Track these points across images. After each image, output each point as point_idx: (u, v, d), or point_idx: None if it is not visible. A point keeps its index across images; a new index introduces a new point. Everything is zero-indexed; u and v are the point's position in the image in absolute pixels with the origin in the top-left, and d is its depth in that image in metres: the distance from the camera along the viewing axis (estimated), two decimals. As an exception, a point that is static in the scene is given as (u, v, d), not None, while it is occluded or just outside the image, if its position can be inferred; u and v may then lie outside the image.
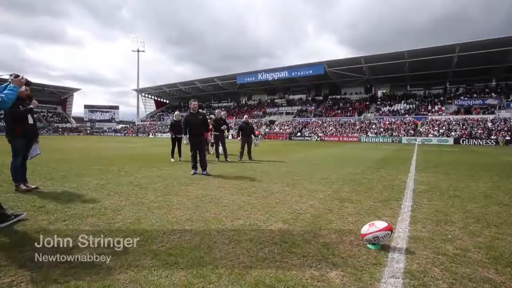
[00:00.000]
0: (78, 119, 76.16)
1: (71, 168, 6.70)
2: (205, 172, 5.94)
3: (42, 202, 3.47)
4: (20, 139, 4.06)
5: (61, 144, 18.27)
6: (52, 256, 1.99)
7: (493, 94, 37.92)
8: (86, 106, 73.85)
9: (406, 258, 2.12)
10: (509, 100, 35.82)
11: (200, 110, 6.28)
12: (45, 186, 4.47)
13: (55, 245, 2.18)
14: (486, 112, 35.72)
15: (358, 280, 1.78)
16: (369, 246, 2.30)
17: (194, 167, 6.09)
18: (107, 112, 74.47)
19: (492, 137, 29.72)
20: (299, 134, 42.04)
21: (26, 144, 4.17)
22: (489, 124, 32.28)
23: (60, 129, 64.88)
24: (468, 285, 1.74)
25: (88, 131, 67.43)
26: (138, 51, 76.09)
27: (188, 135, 6.00)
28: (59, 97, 73.92)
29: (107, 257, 2.00)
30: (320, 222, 2.91)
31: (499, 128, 30.84)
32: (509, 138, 28.69)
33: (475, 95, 38.94)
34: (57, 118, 71.19)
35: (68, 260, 1.96)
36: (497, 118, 33.24)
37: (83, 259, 1.97)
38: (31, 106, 4.11)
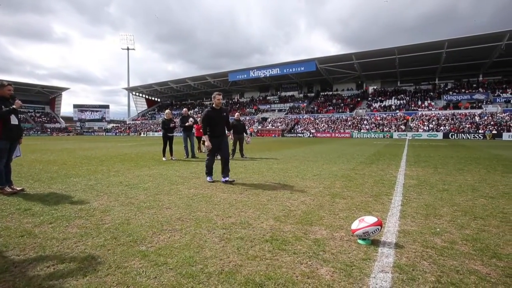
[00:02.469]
0: (67, 119, 74.68)
1: (59, 169, 6.56)
2: (226, 179, 4.88)
3: (28, 205, 3.38)
4: (3, 140, 3.94)
5: (49, 145, 17.88)
6: (37, 260, 1.94)
7: (480, 89, 38.77)
8: (75, 106, 72.42)
9: (395, 252, 2.14)
10: (495, 95, 36.70)
11: (223, 107, 5.31)
12: (31, 188, 4.36)
13: (41, 248, 2.13)
14: (474, 107, 36.53)
15: (348, 276, 1.79)
16: (360, 241, 2.32)
17: (210, 173, 5.06)
18: (97, 111, 73.16)
19: (480, 131, 30.43)
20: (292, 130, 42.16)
21: (9, 145, 4.06)
22: (477, 119, 33.02)
23: (49, 130, 63.53)
24: (455, 277, 1.77)
25: (78, 131, 66.20)
26: (128, 49, 75.07)
27: (207, 135, 4.92)
28: (47, 96, 72.35)
29: (94, 260, 1.96)
30: (311, 219, 2.92)
31: (486, 123, 31.58)
32: (495, 132, 29.41)
33: (463, 90, 39.74)
34: (45, 118, 69.65)
35: (53, 263, 1.91)
36: (484, 112, 34.03)
37: (70, 262, 1.93)
38: (14, 106, 3.99)
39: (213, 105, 5.03)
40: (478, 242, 2.32)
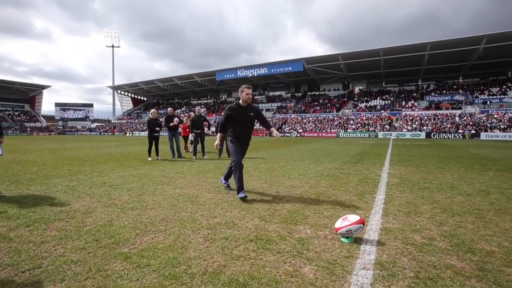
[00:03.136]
0: (49, 118, 72.00)
1: (39, 170, 6.32)
2: (227, 184, 4.38)
3: (3, 207, 3.24)
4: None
5: (29, 145, 17.20)
6: (11, 266, 1.87)
7: (460, 90, 40.26)
8: (57, 104, 69.92)
9: (377, 249, 2.19)
10: (474, 96, 38.23)
11: (253, 105, 4.12)
12: (8, 190, 4.18)
13: (16, 253, 2.05)
14: (454, 108, 37.91)
15: (331, 274, 1.82)
16: (343, 239, 2.36)
17: (241, 187, 3.81)
18: (80, 110, 70.91)
19: (460, 131, 31.59)
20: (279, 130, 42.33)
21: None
22: (457, 119, 34.27)
23: (29, 129, 61.12)
24: (433, 272, 1.83)
25: (60, 131, 64.00)
26: (113, 46, 73.19)
27: (220, 134, 4.20)
28: (27, 94, 69.60)
29: (73, 263, 1.91)
30: (296, 218, 2.94)
31: (465, 123, 32.82)
32: (474, 132, 30.61)
33: (444, 92, 41.15)
34: (24, 117, 66.98)
35: (30, 268, 1.84)
36: (464, 113, 35.36)
37: (48, 267, 1.86)
38: None
39: (239, 101, 3.99)
40: (455, 238, 2.41)
